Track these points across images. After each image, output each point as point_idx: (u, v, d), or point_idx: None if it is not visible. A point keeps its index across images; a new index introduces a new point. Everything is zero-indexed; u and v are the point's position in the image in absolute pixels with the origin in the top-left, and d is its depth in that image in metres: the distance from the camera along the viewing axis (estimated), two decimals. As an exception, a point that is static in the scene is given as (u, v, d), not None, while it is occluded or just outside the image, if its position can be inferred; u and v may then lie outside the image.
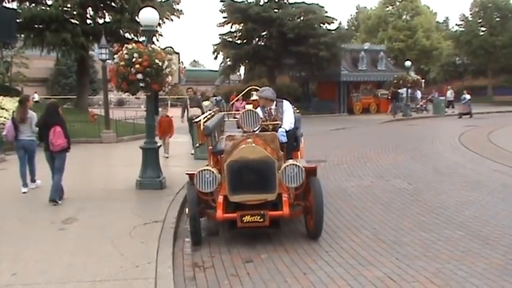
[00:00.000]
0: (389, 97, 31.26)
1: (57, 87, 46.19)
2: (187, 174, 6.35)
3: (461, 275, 4.95)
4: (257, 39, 33.08)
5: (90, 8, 24.03)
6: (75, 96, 30.23)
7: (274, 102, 7.24)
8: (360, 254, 5.65)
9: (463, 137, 17.60)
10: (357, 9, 65.66)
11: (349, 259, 5.50)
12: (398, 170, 11.20)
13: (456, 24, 49.15)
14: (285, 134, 6.85)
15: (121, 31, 24.00)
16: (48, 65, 45.75)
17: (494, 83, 44.37)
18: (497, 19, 44.82)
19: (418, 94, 32.03)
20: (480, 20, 45.86)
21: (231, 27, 33.34)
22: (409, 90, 30.31)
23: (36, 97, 34.72)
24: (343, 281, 4.87)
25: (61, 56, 30.26)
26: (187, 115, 13.86)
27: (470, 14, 46.33)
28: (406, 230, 6.55)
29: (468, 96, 27.99)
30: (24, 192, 8.74)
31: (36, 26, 22.84)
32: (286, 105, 7.26)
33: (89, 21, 24.31)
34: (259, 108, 7.23)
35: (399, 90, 30.06)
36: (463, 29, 46.43)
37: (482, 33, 45.11)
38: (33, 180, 9.08)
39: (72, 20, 23.57)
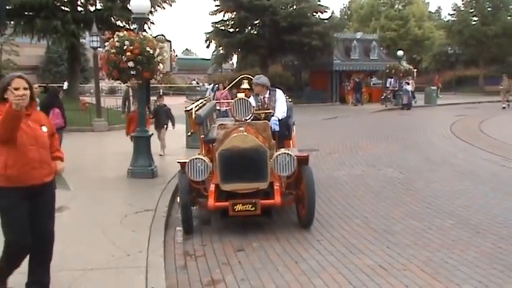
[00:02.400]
0: (350, 87, 30.74)
1: (48, 75, 45.65)
2: (178, 163, 6.32)
3: (452, 263, 4.99)
4: (250, 27, 32.91)
5: (81, -5, 23.80)
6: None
7: (268, 90, 7.24)
8: (351, 243, 5.67)
9: (454, 126, 17.69)
10: (350, -2, 65.41)
11: (341, 248, 5.53)
12: (389, 159, 11.23)
13: (448, 14, 49.19)
14: (277, 122, 6.84)
15: (112, 19, 23.81)
16: (39, 53, 45.21)
17: (486, 73, 44.48)
18: (489, 9, 44.82)
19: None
20: (472, 10, 45.82)
21: (224, 16, 33.16)
22: (391, 80, 30.26)
23: (66, 85, 35.02)
24: (334, 270, 4.90)
25: (52, 43, 30.05)
26: (129, 109, 12.01)
27: (463, 4, 46.32)
28: (397, 219, 6.59)
29: (409, 87, 27.79)
30: None
31: (26, 13, 22.58)
32: (279, 94, 7.26)
33: (80, 9, 24.08)
34: (252, 96, 7.21)
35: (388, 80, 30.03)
36: (455, 19, 46.41)
37: (474, 23, 45.10)
38: None
39: (63, 7, 23.34)
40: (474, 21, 45.36)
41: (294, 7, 31.55)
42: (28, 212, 3.84)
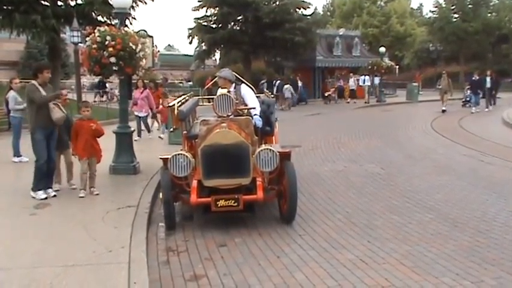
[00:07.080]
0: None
1: (28, 70, 44.46)
2: (161, 158, 6.31)
3: (431, 257, 5.07)
4: (232, 23, 32.79)
5: (61, -11, 23.44)
6: (46, 80, 29.58)
7: (233, 84, 7.19)
8: (333, 237, 5.73)
9: (435, 122, 17.92)
10: (333, -6, 65.62)
11: (322, 242, 5.58)
12: (371, 155, 11.34)
13: (430, 11, 49.78)
14: (260, 119, 6.85)
15: (93, 13, 23.48)
16: (19, 48, 44.50)
17: (466, 69, 45.09)
18: (470, 6, 45.46)
19: (376, 80, 31.51)
20: (453, 7, 46.41)
21: (206, 11, 32.95)
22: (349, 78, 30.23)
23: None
24: (316, 264, 4.95)
25: (31, 38, 29.49)
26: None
27: (444, 1, 46.85)
28: (378, 214, 6.67)
29: (287, 86, 26.58)
30: (14, 162, 9.89)
31: (4, 7, 22.20)
32: (245, 89, 7.20)
33: (60, 3, 23.69)
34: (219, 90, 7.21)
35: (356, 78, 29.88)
36: (437, 16, 46.94)
37: (455, 20, 45.69)
38: (14, 155, 9.95)
39: (43, 2, 22.98)
40: (455, 18, 45.95)
41: (277, 3, 31.50)
42: None
